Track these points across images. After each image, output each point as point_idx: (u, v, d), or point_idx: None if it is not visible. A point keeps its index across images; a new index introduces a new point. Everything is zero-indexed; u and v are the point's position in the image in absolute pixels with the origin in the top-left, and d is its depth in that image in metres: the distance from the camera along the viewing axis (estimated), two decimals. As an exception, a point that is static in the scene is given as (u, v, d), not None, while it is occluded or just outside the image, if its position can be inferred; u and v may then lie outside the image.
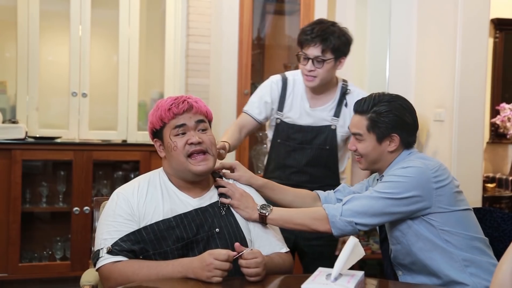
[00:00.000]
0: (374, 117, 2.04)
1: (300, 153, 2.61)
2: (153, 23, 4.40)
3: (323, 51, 2.45)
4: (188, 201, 1.95)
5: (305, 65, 2.50)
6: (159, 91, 4.27)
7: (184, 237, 1.86)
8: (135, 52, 4.15)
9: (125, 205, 1.89)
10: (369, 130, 2.05)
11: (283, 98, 2.62)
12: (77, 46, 4.04)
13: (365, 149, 2.07)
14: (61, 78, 4.11)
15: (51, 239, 3.93)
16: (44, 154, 3.83)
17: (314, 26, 2.48)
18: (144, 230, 1.85)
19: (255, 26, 4.33)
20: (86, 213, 3.79)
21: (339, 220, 1.93)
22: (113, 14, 4.14)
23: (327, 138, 2.59)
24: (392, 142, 2.05)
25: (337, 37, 2.46)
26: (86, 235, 3.77)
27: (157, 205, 1.91)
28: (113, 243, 1.81)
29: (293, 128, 2.61)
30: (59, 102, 4.16)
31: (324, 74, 2.50)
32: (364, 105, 2.08)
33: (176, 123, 1.93)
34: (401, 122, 2.04)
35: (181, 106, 1.92)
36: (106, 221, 1.89)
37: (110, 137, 4.13)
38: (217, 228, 1.91)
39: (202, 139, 1.93)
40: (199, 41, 4.16)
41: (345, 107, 2.59)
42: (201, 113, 1.96)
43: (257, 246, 1.96)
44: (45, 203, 3.93)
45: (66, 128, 4.05)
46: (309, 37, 2.45)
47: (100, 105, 4.24)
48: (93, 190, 3.93)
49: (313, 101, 2.61)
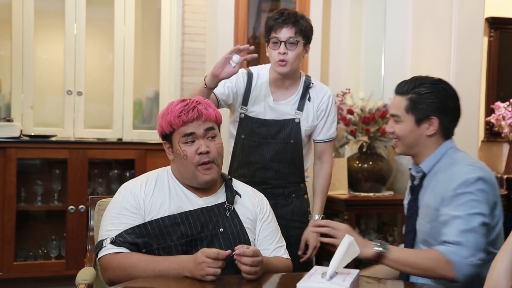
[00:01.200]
0: (414, 98, 2.00)
1: (265, 148, 2.59)
2: (148, 22, 4.39)
3: (295, 33, 2.47)
4: (195, 200, 1.97)
5: (276, 49, 2.49)
6: (155, 89, 4.27)
7: (188, 234, 1.88)
8: (130, 50, 4.14)
9: (132, 199, 1.91)
10: (407, 111, 2.01)
11: (248, 92, 2.60)
12: (72, 44, 4.03)
13: (402, 131, 2.03)
14: (56, 76, 4.10)
15: (46, 238, 3.93)
16: (39, 153, 3.83)
17: (283, 11, 2.51)
18: (149, 224, 1.87)
19: (251, 24, 4.32)
20: (81, 211, 3.78)
21: (465, 264, 1.79)
22: (108, 12, 4.13)
23: (291, 132, 2.58)
24: (431, 126, 1.99)
25: (306, 21, 2.52)
26: (81, 234, 3.76)
27: (163, 201, 1.93)
28: (117, 234, 1.84)
29: (257, 122, 2.59)
30: (54, 101, 4.16)
31: (294, 58, 2.50)
32: (405, 86, 2.03)
33: (186, 130, 1.93)
34: (442, 105, 1.98)
35: (190, 114, 1.92)
36: (111, 213, 1.91)
37: (105, 135, 4.12)
38: (221, 228, 1.93)
39: (210, 148, 1.93)
40: (194, 40, 4.16)
41: (308, 101, 2.60)
42: (211, 120, 1.96)
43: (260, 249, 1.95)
44: (40, 202, 3.93)
45: (61, 127, 4.04)
46: (280, 20, 2.47)
47: (95, 103, 4.23)
48: (88, 188, 3.92)
49: (276, 94, 2.60)
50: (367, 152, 4.09)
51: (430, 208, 1.96)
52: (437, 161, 2.01)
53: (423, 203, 2.02)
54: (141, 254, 1.83)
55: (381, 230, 4.20)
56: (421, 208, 2.03)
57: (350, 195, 4.02)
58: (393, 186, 4.28)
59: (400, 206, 4.05)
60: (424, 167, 2.03)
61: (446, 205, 1.88)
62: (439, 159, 2.01)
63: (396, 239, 4.07)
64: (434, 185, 1.98)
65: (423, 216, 2.00)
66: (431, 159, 2.02)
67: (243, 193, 2.07)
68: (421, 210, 2.02)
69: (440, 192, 1.93)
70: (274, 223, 2.09)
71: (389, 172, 4.11)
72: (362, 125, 4.01)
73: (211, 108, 1.97)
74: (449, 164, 1.98)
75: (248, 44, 4.20)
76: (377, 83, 4.43)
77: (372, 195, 4.02)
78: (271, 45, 2.51)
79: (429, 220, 1.96)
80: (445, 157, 2.01)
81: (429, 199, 1.98)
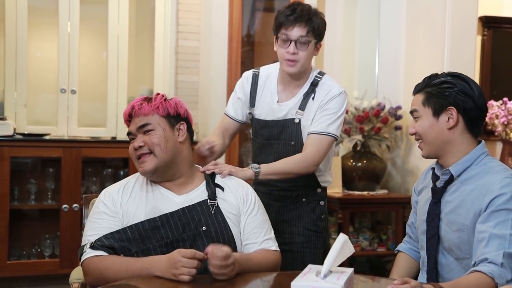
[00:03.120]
0: (430, 90, 1.92)
1: (269, 149, 2.48)
2: (142, 20, 4.41)
3: (307, 32, 2.31)
4: (172, 198, 1.95)
5: (286, 47, 2.34)
6: (149, 87, 4.27)
7: (169, 236, 1.87)
8: (124, 48, 4.14)
9: (110, 203, 1.93)
10: (424, 104, 1.92)
11: (254, 93, 2.50)
12: (65, 42, 4.03)
13: (421, 126, 1.93)
14: (50, 74, 4.10)
15: (40, 237, 3.92)
16: (33, 151, 3.83)
17: (295, 6, 2.32)
18: (129, 229, 1.87)
19: (245, 23, 4.33)
20: (75, 210, 3.78)
21: None
22: (102, 10, 4.14)
23: (292, 133, 2.43)
24: (451, 118, 1.88)
25: (320, 18, 2.35)
26: (75, 233, 3.77)
27: (139, 203, 1.93)
28: (97, 239, 1.85)
29: (259, 123, 2.49)
30: (47, 99, 4.16)
31: (304, 59, 2.35)
32: (421, 84, 1.96)
33: (128, 130, 2.01)
34: (460, 95, 1.88)
35: (126, 113, 1.99)
36: (92, 218, 1.93)
37: (99, 134, 4.12)
38: (204, 226, 1.90)
39: (145, 142, 1.94)
40: (188, 38, 4.17)
41: (312, 100, 2.41)
42: (146, 115, 1.95)
43: (246, 244, 1.96)
44: (33, 200, 3.93)
45: (55, 125, 4.05)
46: (292, 17, 2.30)
47: (89, 101, 4.25)
48: (82, 187, 3.92)
49: (282, 94, 2.47)
50: (361, 151, 4.09)
51: (459, 217, 1.87)
52: (468, 167, 1.90)
53: (448, 209, 1.91)
54: (116, 257, 1.83)
55: (375, 229, 4.21)
56: (445, 214, 1.92)
57: (344, 194, 4.01)
58: (387, 184, 4.30)
59: (394, 205, 4.13)
60: (454, 170, 1.91)
61: (484, 220, 1.78)
62: (471, 164, 1.90)
63: (390, 237, 4.08)
64: (465, 194, 1.87)
65: (449, 224, 1.90)
66: (462, 163, 1.90)
67: (226, 186, 2.03)
68: (446, 217, 1.91)
69: (473, 204, 1.83)
70: (261, 214, 2.04)
71: (383, 170, 4.12)
72: (356, 124, 4.01)
73: (149, 104, 1.96)
74: (483, 173, 1.87)
75: (241, 42, 4.21)
76: (371, 82, 4.44)
77: (366, 193, 4.03)
78: (279, 43, 2.36)
79: (456, 229, 1.88)
80: (478, 164, 1.91)
81: (459, 208, 1.88)
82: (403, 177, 4.20)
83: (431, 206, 1.96)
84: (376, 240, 4.07)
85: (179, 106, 2.01)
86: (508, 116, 4.06)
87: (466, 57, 3.88)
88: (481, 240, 1.76)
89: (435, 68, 3.85)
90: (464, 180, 1.89)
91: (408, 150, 4.14)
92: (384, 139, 4.05)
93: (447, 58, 3.86)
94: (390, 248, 4.01)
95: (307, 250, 2.50)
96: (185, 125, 2.01)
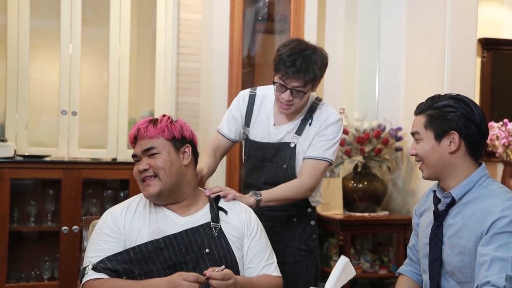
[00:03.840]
0: (432, 113, 1.91)
1: (260, 171, 2.51)
2: (143, 41, 4.39)
3: (305, 84, 2.31)
4: (176, 220, 1.95)
5: (281, 93, 2.34)
6: (149, 109, 4.25)
7: (172, 258, 1.87)
8: (125, 70, 4.12)
9: (112, 224, 1.93)
10: (426, 127, 1.92)
11: (250, 113, 2.52)
12: (67, 64, 4.01)
13: (423, 149, 1.92)
14: (51, 96, 4.09)
15: (39, 259, 3.88)
16: (33, 173, 3.81)
17: (296, 57, 2.29)
18: (132, 251, 1.87)
19: (245, 45, 4.34)
20: (75, 232, 3.75)
21: None
22: (103, 32, 4.13)
23: (285, 157, 2.45)
24: (453, 142, 1.88)
25: (319, 68, 2.33)
26: (74, 255, 3.72)
27: (143, 224, 1.93)
28: (99, 260, 1.84)
29: (253, 144, 2.51)
30: (48, 120, 4.13)
31: (299, 103, 2.38)
32: (423, 105, 1.95)
33: (133, 152, 2.01)
34: (462, 119, 1.88)
35: (130, 135, 2.00)
36: (94, 239, 1.93)
37: (99, 155, 4.09)
38: (207, 248, 1.90)
39: (150, 165, 1.94)
40: (189, 60, 4.16)
41: (309, 126, 2.45)
42: (151, 139, 1.96)
43: (248, 268, 1.97)
44: (33, 222, 3.88)
45: (55, 147, 4.01)
46: (290, 71, 2.28)
47: (90, 123, 4.21)
48: (82, 209, 3.89)
49: (279, 117, 2.49)
50: (362, 172, 4.09)
51: (461, 240, 1.86)
52: (470, 189, 1.90)
53: (450, 232, 1.91)
54: (116, 280, 1.83)
55: (376, 251, 4.18)
56: (448, 238, 1.91)
57: (345, 215, 4.01)
58: (388, 206, 4.28)
59: (395, 226, 4.09)
60: (455, 193, 1.90)
61: (485, 243, 1.78)
62: (472, 187, 1.90)
63: (391, 259, 4.06)
64: (466, 217, 1.87)
65: (451, 248, 1.90)
66: (464, 186, 1.90)
67: (229, 209, 2.04)
68: (449, 240, 1.91)
69: (475, 227, 1.83)
70: (263, 239, 2.05)
71: (384, 192, 4.11)
72: (357, 145, 4.02)
73: (155, 127, 1.97)
74: (484, 196, 1.87)
75: (242, 64, 4.21)
76: (372, 103, 4.44)
77: (367, 215, 4.01)
78: (276, 86, 2.36)
79: (458, 253, 1.87)
80: (479, 187, 1.90)
81: (461, 231, 1.87)
82: (404, 198, 4.19)
83: (433, 229, 1.96)
84: (378, 262, 4.04)
85: (185, 128, 2.01)
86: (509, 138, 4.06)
87: (466, 79, 3.91)
88: (483, 263, 1.76)
89: (435, 89, 3.85)
90: (465, 203, 1.90)
91: (409, 171, 4.13)
92: (384, 160, 4.04)
93: (447, 80, 3.89)
94: (392, 270, 3.98)
95: (299, 270, 2.51)
96: (190, 148, 2.02)
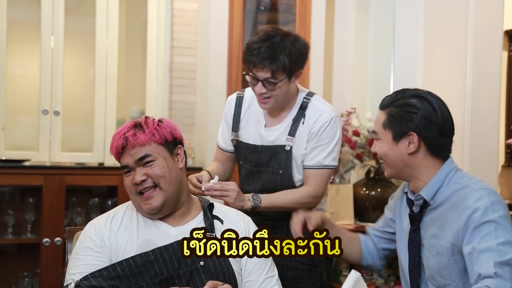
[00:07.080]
0: (392, 112, 1.92)
1: (256, 177, 2.48)
2: (133, 34, 4.38)
3: (273, 73, 2.25)
4: (168, 230, 1.88)
5: (254, 86, 2.31)
6: (140, 108, 4.22)
7: (163, 272, 1.80)
8: (113, 65, 4.09)
9: (96, 237, 1.86)
10: (384, 127, 1.93)
11: (237, 117, 2.50)
12: (48, 59, 3.98)
13: (381, 149, 1.96)
14: (31, 94, 4.05)
15: (17, 275, 3.79)
16: (11, 179, 3.72)
17: (261, 44, 2.26)
18: (119, 266, 1.79)
19: (246, 37, 4.18)
20: (57, 245, 3.63)
21: None
22: (89, 23, 4.10)
23: (281, 161, 2.41)
24: (411, 143, 1.89)
25: (289, 55, 2.26)
26: (57, 270, 3.63)
27: (130, 236, 1.86)
28: (82, 277, 1.78)
29: (248, 148, 2.47)
30: (28, 121, 4.11)
31: (279, 95, 2.31)
32: (387, 99, 1.96)
33: (121, 163, 1.89)
34: (423, 120, 1.89)
35: (116, 144, 1.86)
36: (76, 254, 1.87)
37: (85, 159, 4.06)
38: (202, 261, 1.83)
39: (148, 175, 1.85)
40: (184, 54, 4.13)
41: (302, 124, 2.39)
42: (143, 146, 1.86)
43: (247, 281, 1.91)
44: (11, 234, 3.79)
45: (36, 150, 3.98)
46: (256, 59, 2.25)
47: (74, 124, 4.19)
48: (66, 219, 3.80)
49: (269, 118, 2.45)
50: (375, 178, 3.90)
51: (440, 240, 1.88)
52: (439, 187, 1.91)
53: (429, 234, 1.93)
54: None
55: (391, 265, 3.98)
56: (427, 240, 1.93)
57: (356, 226, 3.80)
58: (403, 214, 4.08)
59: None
60: (425, 195, 1.92)
61: (469, 241, 1.80)
62: (441, 184, 1.91)
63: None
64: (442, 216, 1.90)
65: (430, 249, 1.91)
66: (432, 186, 1.91)
67: (226, 218, 1.98)
68: (428, 242, 1.93)
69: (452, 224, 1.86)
70: None
71: (399, 200, 3.91)
72: (369, 148, 3.83)
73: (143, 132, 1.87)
74: (456, 191, 1.89)
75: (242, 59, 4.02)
76: (385, 102, 4.32)
77: (381, 225, 3.81)
78: (248, 79, 2.33)
79: (436, 254, 1.89)
80: (449, 183, 1.91)
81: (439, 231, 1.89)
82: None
83: (411, 234, 1.99)
84: (393, 278, 3.84)
85: (174, 129, 1.94)
86: (539, 140, 4.02)
87: (490, 75, 3.83)
88: (472, 261, 1.79)
89: (456, 87, 3.85)
90: (440, 202, 1.92)
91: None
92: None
93: (469, 76, 3.80)
94: (408, 287, 3.76)
95: (300, 286, 2.48)
96: (182, 148, 1.96)
